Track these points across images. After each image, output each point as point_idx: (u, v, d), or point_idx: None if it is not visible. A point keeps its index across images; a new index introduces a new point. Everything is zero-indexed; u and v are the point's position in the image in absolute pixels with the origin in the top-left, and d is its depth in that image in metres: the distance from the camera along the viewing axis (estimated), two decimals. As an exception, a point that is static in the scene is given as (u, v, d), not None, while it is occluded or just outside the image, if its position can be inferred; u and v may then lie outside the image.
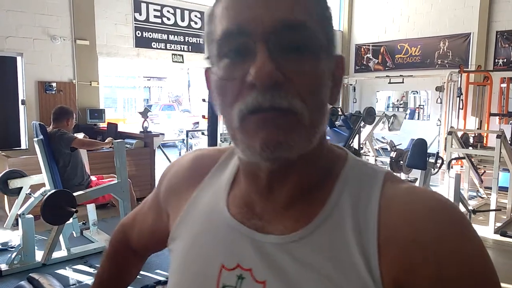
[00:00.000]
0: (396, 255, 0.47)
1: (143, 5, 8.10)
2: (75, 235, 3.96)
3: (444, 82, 8.23)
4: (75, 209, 3.24)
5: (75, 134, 4.13)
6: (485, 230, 4.60)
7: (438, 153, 4.95)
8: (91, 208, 4.19)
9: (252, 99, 0.45)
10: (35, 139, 3.76)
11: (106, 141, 4.38)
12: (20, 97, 6.62)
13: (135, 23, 8.00)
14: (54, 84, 6.75)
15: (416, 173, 5.21)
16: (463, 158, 5.50)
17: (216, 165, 0.64)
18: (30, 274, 1.17)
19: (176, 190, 0.66)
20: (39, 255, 3.58)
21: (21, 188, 4.04)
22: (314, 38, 0.47)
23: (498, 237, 4.48)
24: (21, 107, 6.66)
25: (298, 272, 0.49)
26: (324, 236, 0.50)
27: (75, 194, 3.36)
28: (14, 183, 4.04)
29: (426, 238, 0.46)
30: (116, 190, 3.63)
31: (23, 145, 6.60)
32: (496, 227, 4.61)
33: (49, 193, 3.23)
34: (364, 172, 0.54)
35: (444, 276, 0.45)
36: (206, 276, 0.55)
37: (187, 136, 8.11)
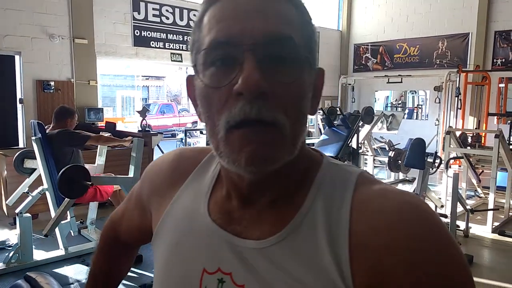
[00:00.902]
0: (368, 261, 0.47)
1: (142, 4, 8.09)
2: (72, 234, 3.94)
3: (443, 82, 8.25)
4: (90, 182, 3.32)
5: (101, 133, 4.19)
6: (483, 229, 4.61)
7: (436, 152, 4.95)
8: (92, 207, 4.19)
9: (239, 109, 0.46)
10: (33, 137, 3.75)
11: (126, 138, 4.39)
12: (18, 95, 6.61)
13: (133, 22, 7.99)
14: (52, 83, 6.74)
15: (414, 173, 5.21)
16: (461, 157, 5.51)
17: (198, 167, 0.65)
18: (27, 273, 1.16)
19: (158, 190, 0.67)
20: (36, 254, 3.58)
21: (34, 169, 4.03)
22: (298, 51, 0.49)
23: (496, 236, 4.49)
24: (19, 106, 6.65)
25: (274, 276, 0.50)
26: (298, 240, 0.51)
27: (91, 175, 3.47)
28: (29, 163, 4.04)
29: (397, 243, 0.46)
30: (127, 184, 3.68)
31: (21, 143, 6.59)
32: (494, 227, 4.62)
33: (65, 168, 3.29)
34: (338, 175, 0.55)
35: (416, 280, 0.45)
36: (188, 278, 0.57)
37: (185, 135, 8.10)
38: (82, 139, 3.87)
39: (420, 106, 11.79)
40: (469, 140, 6.36)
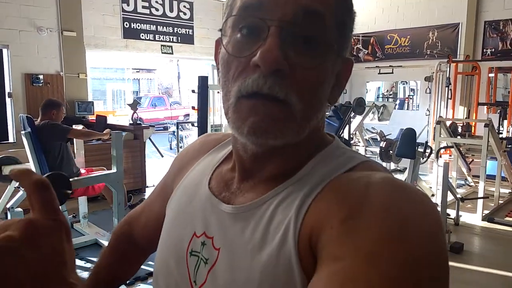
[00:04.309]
0: (314, 216, 0.46)
1: (131, -4, 7.99)
2: (65, 228, 3.93)
3: (433, 72, 8.29)
4: (70, 191, 3.25)
5: (73, 126, 4.11)
6: (473, 217, 4.68)
7: (427, 142, 4.99)
8: (82, 201, 4.16)
9: (252, 81, 0.46)
10: (23, 132, 3.71)
11: (104, 132, 4.35)
12: (7, 89, 6.52)
13: (123, 14, 7.90)
14: (41, 77, 6.66)
15: (405, 162, 5.26)
16: (452, 147, 5.56)
17: (217, 146, 0.68)
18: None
19: (182, 169, 0.70)
20: (29, 249, 3.55)
21: None
22: (327, 35, 0.48)
23: (486, 224, 4.56)
24: (7, 100, 6.56)
25: (241, 241, 0.51)
26: (271, 210, 0.50)
27: (71, 180, 3.36)
28: (8, 170, 3.99)
29: (351, 199, 0.44)
30: (112, 180, 3.61)
31: (11, 138, 6.51)
32: (483, 215, 4.69)
33: (44, 176, 3.19)
34: (339, 159, 0.53)
35: (355, 222, 0.41)
36: (180, 241, 0.60)
37: (177, 128, 8.07)
38: (63, 132, 3.81)
39: (411, 97, 11.85)
40: (459, 129, 6.42)
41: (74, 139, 4.51)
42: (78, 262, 3.53)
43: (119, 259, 0.84)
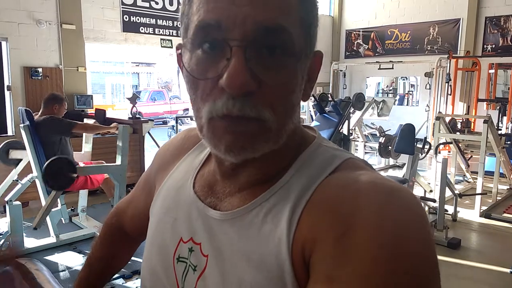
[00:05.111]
0: (306, 228, 0.46)
1: (131, -11, 7.94)
2: (63, 221, 3.94)
3: (433, 68, 8.27)
4: (76, 174, 3.34)
5: (85, 120, 4.14)
6: (471, 213, 4.69)
7: (426, 138, 4.99)
8: (80, 194, 4.17)
9: (222, 104, 0.45)
10: (22, 125, 3.70)
11: (111, 125, 4.36)
12: (6, 82, 6.50)
13: (122, 7, 7.86)
14: (40, 70, 6.63)
15: (404, 158, 5.26)
16: (451, 143, 5.57)
17: (198, 144, 0.66)
18: (16, 259, 1.16)
19: (165, 165, 0.69)
20: (27, 242, 3.57)
21: (20, 160, 4.00)
22: (294, 43, 0.46)
23: (483, 220, 4.57)
24: (6, 93, 6.54)
25: (229, 248, 0.51)
26: (260, 216, 0.50)
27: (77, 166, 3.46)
28: (15, 154, 4.00)
29: (341, 213, 0.44)
30: (115, 172, 3.68)
31: (10, 131, 6.50)
32: (481, 211, 4.70)
33: (50, 159, 3.29)
34: (322, 158, 0.53)
35: (348, 240, 0.41)
36: (167, 246, 0.59)
37: (176, 122, 8.06)
38: (67, 127, 3.82)
39: (411, 92, 11.84)
40: (459, 125, 6.42)
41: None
42: (76, 255, 3.54)
43: (111, 252, 0.85)
